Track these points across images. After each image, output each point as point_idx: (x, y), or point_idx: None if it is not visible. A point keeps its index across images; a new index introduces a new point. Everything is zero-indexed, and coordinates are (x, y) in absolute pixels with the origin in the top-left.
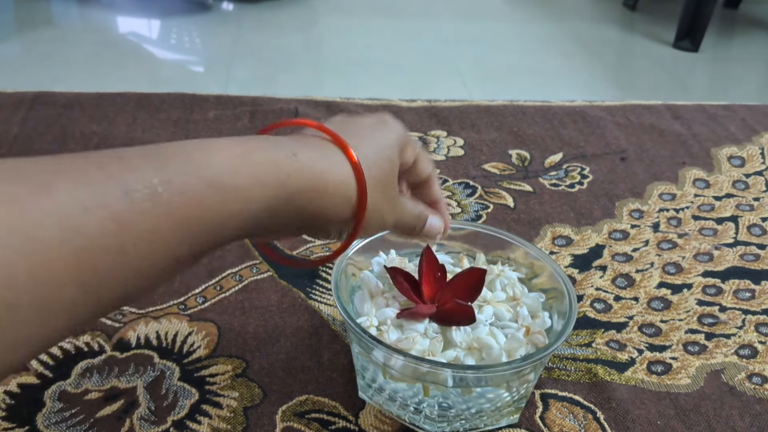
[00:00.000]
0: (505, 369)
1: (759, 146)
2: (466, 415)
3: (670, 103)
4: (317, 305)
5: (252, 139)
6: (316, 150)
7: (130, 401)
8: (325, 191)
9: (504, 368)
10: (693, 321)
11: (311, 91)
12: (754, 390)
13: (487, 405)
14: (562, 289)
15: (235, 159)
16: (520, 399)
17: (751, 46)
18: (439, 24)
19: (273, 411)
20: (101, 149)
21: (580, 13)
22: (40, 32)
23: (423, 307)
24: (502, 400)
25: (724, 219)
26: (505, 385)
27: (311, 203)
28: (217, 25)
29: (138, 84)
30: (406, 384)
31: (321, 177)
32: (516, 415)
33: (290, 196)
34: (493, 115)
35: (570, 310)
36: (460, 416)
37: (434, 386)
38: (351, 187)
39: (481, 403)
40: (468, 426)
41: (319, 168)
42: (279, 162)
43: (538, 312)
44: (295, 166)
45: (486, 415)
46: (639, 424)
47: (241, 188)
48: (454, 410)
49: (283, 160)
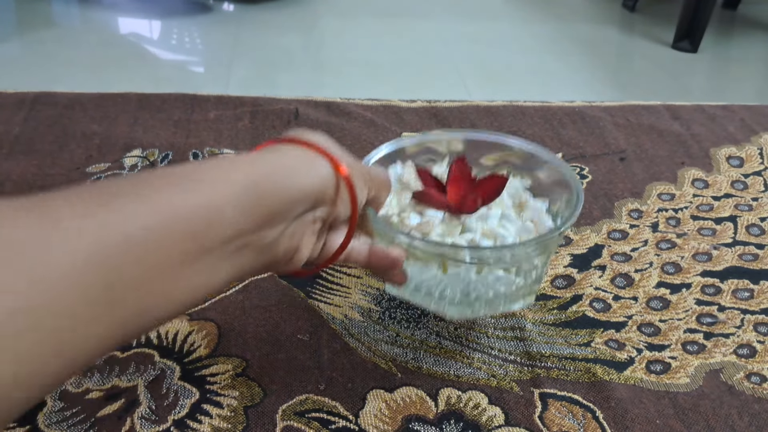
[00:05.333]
0: (518, 248)
1: (758, 146)
2: (485, 298)
3: (669, 104)
4: (317, 305)
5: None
6: (279, 149)
7: (130, 400)
8: (289, 166)
9: (517, 248)
10: (692, 320)
11: (311, 91)
12: (753, 389)
13: (502, 288)
14: (565, 180)
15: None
16: (533, 283)
17: (750, 46)
18: (439, 24)
19: (273, 410)
20: (102, 149)
21: (579, 13)
22: (41, 32)
23: (434, 192)
24: (516, 284)
25: (723, 219)
26: (516, 270)
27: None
28: (217, 25)
29: (139, 84)
30: (426, 265)
31: (283, 160)
32: (531, 298)
33: (256, 180)
34: (493, 115)
35: (576, 198)
36: (480, 300)
37: (452, 264)
38: (317, 159)
39: (498, 287)
40: (487, 308)
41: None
42: (242, 159)
43: (543, 216)
44: (256, 160)
45: (502, 298)
46: (638, 423)
47: (207, 181)
48: (474, 294)
49: (247, 158)
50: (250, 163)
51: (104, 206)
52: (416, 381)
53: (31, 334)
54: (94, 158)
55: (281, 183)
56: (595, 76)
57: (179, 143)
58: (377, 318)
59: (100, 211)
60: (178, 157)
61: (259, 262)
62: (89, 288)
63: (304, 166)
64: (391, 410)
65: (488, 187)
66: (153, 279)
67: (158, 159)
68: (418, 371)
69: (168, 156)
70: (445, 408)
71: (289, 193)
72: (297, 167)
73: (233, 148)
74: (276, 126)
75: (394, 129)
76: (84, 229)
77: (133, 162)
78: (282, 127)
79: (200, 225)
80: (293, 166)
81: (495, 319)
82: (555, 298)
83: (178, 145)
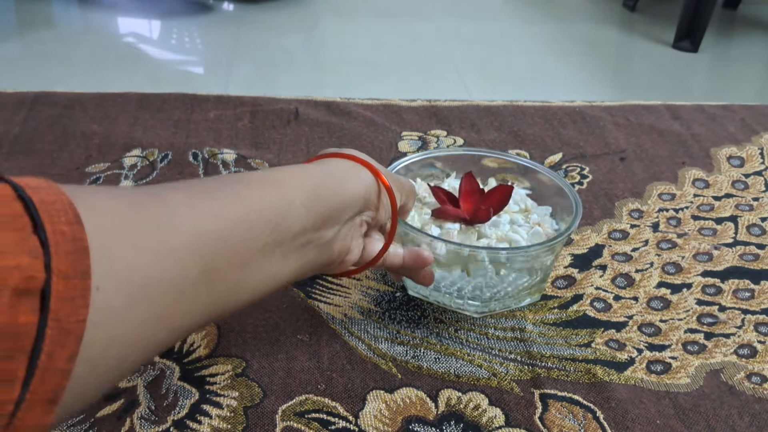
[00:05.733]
0: (532, 249)
1: (758, 146)
2: (498, 296)
3: (669, 104)
4: (317, 305)
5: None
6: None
7: (130, 401)
8: (339, 176)
9: (532, 248)
10: (692, 320)
11: (311, 91)
12: (754, 389)
13: (511, 288)
14: (562, 188)
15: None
16: (541, 282)
17: (751, 46)
18: (439, 24)
19: (273, 411)
20: (102, 149)
21: (580, 13)
22: (41, 33)
23: (451, 208)
24: (525, 284)
25: (724, 219)
26: (528, 270)
27: (330, 188)
28: (217, 25)
29: (139, 84)
30: (450, 272)
31: (334, 171)
32: (537, 295)
33: (316, 184)
34: (493, 115)
35: (575, 206)
36: (494, 298)
37: (474, 268)
38: (362, 170)
39: (507, 288)
40: (500, 305)
41: (336, 167)
42: (305, 167)
43: (546, 220)
44: (314, 169)
45: (513, 296)
46: (638, 423)
47: (283, 182)
48: (489, 293)
49: (307, 167)
50: (310, 171)
51: (207, 200)
52: (416, 382)
53: (143, 304)
54: (94, 158)
55: (335, 189)
56: (596, 76)
57: (179, 143)
58: (377, 318)
59: (203, 204)
60: (178, 157)
61: (318, 260)
62: (189, 269)
63: (352, 175)
64: (391, 411)
65: (497, 197)
66: (237, 266)
67: (158, 159)
68: (419, 371)
69: (168, 156)
70: (446, 409)
71: (342, 198)
72: (346, 176)
73: (233, 147)
74: (276, 126)
75: (394, 128)
76: (192, 218)
77: (132, 162)
78: (282, 127)
79: (277, 218)
80: (343, 176)
81: (495, 320)
82: (556, 297)
83: (178, 145)
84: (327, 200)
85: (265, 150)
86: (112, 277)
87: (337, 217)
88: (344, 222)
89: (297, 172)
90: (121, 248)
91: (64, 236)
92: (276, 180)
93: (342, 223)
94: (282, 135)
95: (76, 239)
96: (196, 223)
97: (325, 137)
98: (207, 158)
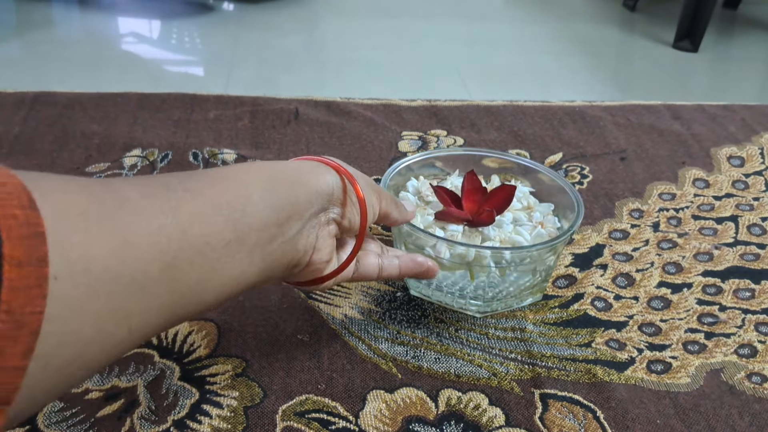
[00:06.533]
0: (535, 249)
1: (758, 146)
2: (500, 296)
3: (669, 104)
4: (317, 305)
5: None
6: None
7: (130, 401)
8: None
9: (535, 248)
10: (693, 320)
11: (312, 91)
12: (754, 389)
13: (513, 288)
14: (562, 188)
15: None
16: (542, 282)
17: (751, 46)
18: (439, 24)
19: (273, 410)
20: (102, 149)
21: (580, 13)
22: (41, 33)
23: (454, 210)
24: (527, 283)
25: (724, 219)
26: (531, 270)
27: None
28: (217, 25)
29: (139, 84)
30: (452, 272)
31: (295, 167)
32: (539, 294)
33: (270, 177)
34: (493, 115)
35: (577, 205)
36: (496, 298)
37: (478, 270)
38: (326, 169)
39: (509, 287)
40: (502, 305)
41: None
42: (264, 163)
43: (549, 217)
44: (276, 164)
45: (515, 295)
46: (639, 423)
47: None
48: (491, 293)
49: (268, 162)
50: (266, 166)
51: (162, 194)
52: (416, 382)
53: (102, 298)
54: (94, 158)
55: (291, 181)
56: (596, 76)
57: (179, 143)
58: (377, 318)
59: (159, 198)
60: (178, 156)
61: (284, 259)
62: (149, 264)
63: (312, 171)
64: (391, 411)
65: (499, 198)
66: (200, 265)
67: (158, 159)
68: (419, 371)
69: (168, 156)
70: (446, 409)
71: (303, 191)
72: (305, 171)
73: (233, 147)
74: (276, 126)
75: (394, 128)
76: (149, 211)
77: (132, 162)
78: (282, 127)
79: (236, 214)
80: (301, 170)
81: (496, 320)
82: (556, 297)
83: (178, 145)
84: (284, 192)
85: (265, 150)
86: (68, 267)
87: (299, 213)
88: (308, 218)
89: (253, 167)
90: (78, 236)
91: (16, 220)
92: (231, 176)
93: (305, 219)
94: (282, 135)
95: (31, 224)
96: (152, 216)
97: (325, 137)
98: (207, 158)
